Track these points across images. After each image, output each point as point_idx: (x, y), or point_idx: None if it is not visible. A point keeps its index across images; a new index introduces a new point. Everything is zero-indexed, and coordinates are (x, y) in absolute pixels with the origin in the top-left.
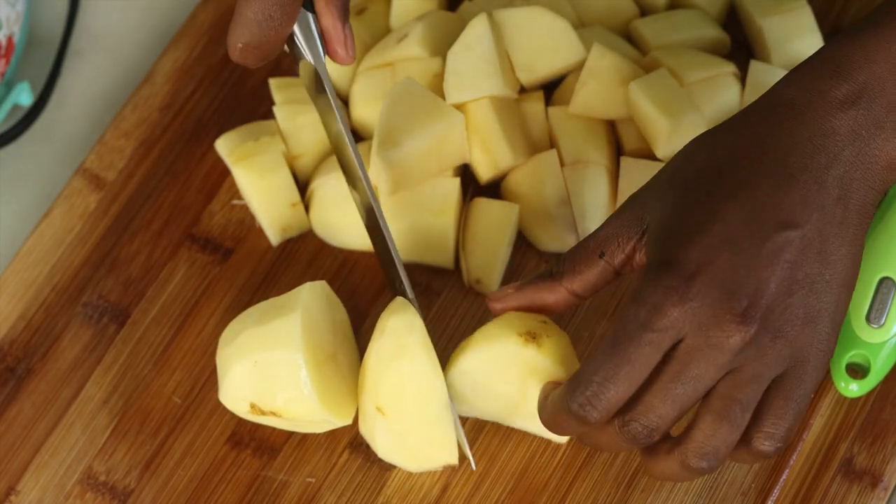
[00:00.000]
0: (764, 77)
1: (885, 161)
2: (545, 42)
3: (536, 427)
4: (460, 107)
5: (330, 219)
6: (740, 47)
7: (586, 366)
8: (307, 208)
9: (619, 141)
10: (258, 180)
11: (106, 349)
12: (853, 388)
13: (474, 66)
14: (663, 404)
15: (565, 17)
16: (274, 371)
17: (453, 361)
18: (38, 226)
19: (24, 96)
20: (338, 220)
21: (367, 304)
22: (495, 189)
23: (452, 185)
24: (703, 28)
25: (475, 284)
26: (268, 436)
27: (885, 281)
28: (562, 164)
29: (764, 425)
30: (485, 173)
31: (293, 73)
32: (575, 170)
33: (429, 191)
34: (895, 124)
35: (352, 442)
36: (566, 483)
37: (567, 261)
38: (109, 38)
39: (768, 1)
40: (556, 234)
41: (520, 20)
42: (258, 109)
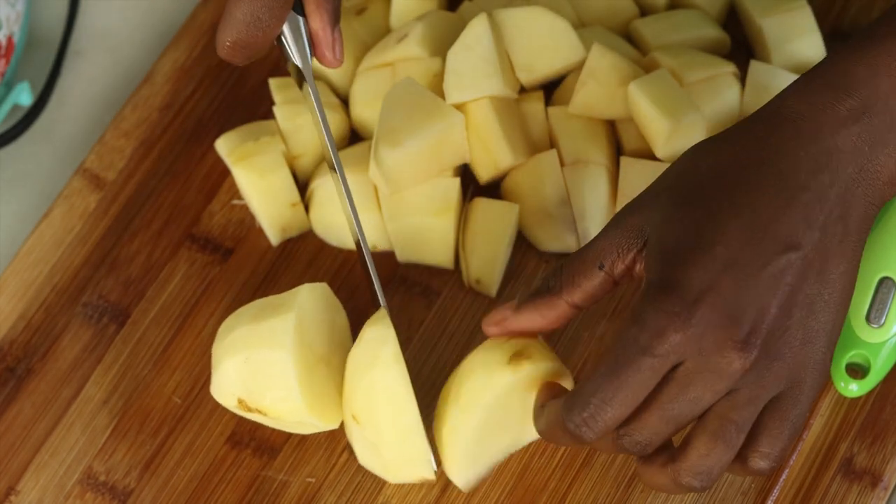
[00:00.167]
0: (764, 77)
1: (886, 176)
2: (545, 42)
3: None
4: (460, 107)
5: (330, 219)
6: (740, 47)
7: (585, 385)
8: (307, 208)
9: (619, 141)
10: (258, 180)
11: (106, 349)
12: (853, 388)
13: (474, 66)
14: (659, 422)
15: (565, 17)
16: (263, 369)
17: (447, 419)
18: (38, 226)
19: (24, 96)
20: (338, 220)
21: (366, 304)
22: (495, 189)
23: (452, 185)
24: (703, 28)
25: (475, 284)
26: (268, 436)
27: (885, 281)
28: (562, 164)
29: (760, 445)
30: (485, 173)
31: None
32: (575, 170)
33: (429, 191)
34: None
35: None
36: (566, 483)
37: (565, 274)
38: (109, 38)
39: (768, 1)
40: (556, 234)
41: (520, 20)
42: (258, 109)
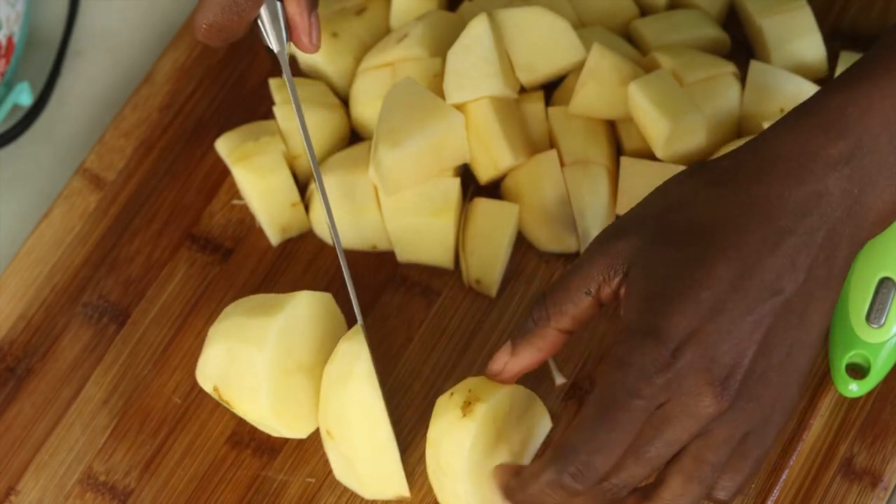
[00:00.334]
0: (764, 77)
1: (874, 217)
2: (545, 42)
3: None
4: (460, 107)
5: None
6: (740, 47)
7: (573, 436)
8: (307, 208)
9: (619, 141)
10: (258, 180)
11: (106, 349)
12: (853, 388)
13: (474, 66)
14: (635, 465)
15: (565, 17)
16: (239, 364)
17: (448, 489)
18: (38, 226)
19: (24, 96)
20: (338, 219)
21: (366, 305)
22: (495, 189)
23: (452, 185)
24: (703, 28)
25: (475, 284)
26: (268, 436)
27: (885, 281)
28: (562, 164)
29: (722, 479)
30: (485, 173)
31: (295, 73)
32: (575, 170)
33: (429, 191)
34: (886, 179)
35: None
36: None
37: (550, 304)
38: (109, 38)
39: (768, 1)
40: (556, 234)
41: (520, 20)
42: (258, 109)
